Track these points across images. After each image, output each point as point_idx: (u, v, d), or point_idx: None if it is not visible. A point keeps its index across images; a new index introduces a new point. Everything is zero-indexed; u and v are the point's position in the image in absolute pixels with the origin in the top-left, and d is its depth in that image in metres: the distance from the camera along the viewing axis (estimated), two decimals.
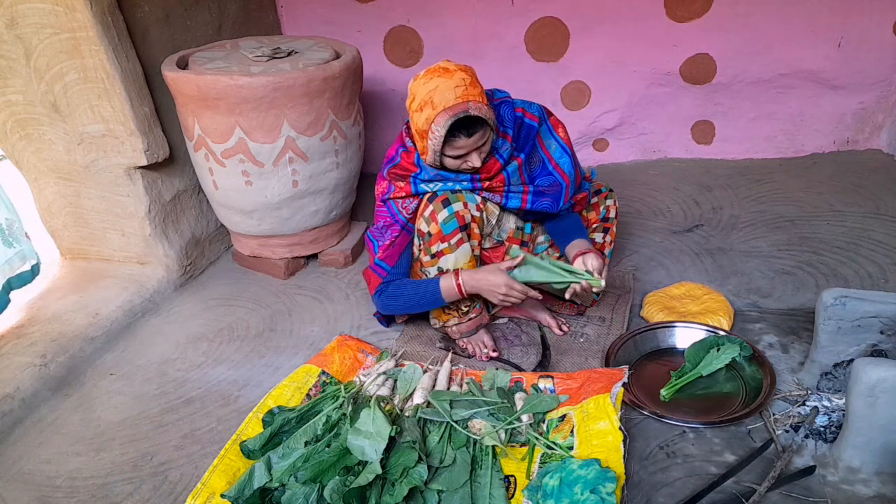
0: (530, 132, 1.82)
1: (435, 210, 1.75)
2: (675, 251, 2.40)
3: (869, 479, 1.39)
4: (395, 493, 1.37)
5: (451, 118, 1.56)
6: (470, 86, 1.58)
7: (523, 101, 1.85)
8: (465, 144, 1.63)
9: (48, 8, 1.94)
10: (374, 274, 1.90)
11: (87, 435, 1.77)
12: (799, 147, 3.06)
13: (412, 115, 1.64)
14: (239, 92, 2.01)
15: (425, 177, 1.78)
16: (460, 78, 1.58)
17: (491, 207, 1.87)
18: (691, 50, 2.87)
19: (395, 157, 1.82)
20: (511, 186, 1.82)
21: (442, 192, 1.77)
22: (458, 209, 1.75)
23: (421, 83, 1.62)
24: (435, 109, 1.57)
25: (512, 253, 1.92)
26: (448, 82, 1.57)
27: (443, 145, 1.63)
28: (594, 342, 1.94)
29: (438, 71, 1.61)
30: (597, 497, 1.28)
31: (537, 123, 1.84)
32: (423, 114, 1.60)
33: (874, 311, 1.50)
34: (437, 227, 1.75)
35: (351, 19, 2.96)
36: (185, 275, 2.48)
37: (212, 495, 1.44)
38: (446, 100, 1.56)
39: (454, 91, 1.56)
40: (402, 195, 1.81)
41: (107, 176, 2.25)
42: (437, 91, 1.57)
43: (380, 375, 1.77)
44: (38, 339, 2.04)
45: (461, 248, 1.77)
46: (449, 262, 1.78)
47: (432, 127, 1.58)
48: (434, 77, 1.60)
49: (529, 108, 1.84)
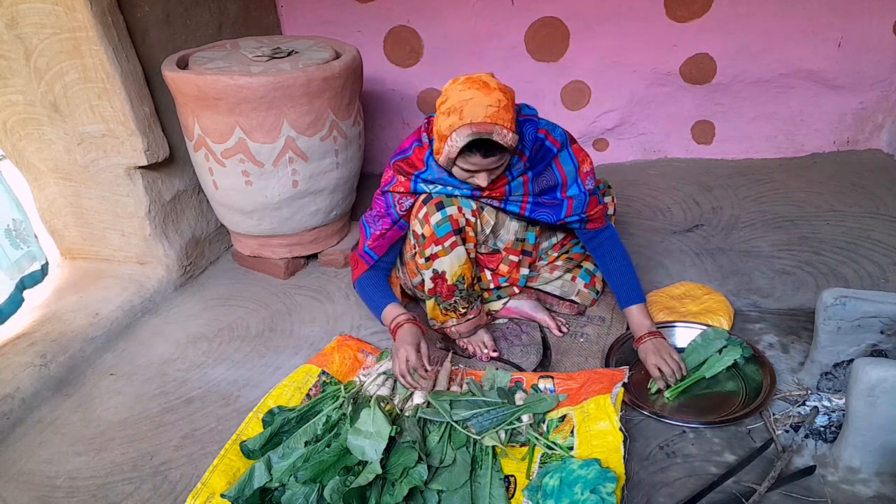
0: (547, 155, 1.78)
1: (428, 212, 1.74)
2: (675, 251, 2.40)
3: (869, 479, 1.39)
4: (395, 493, 1.37)
5: (473, 136, 1.51)
6: (503, 109, 1.52)
7: (548, 123, 1.80)
8: (478, 163, 1.60)
9: (48, 8, 1.94)
10: (361, 260, 1.91)
11: (88, 435, 1.77)
12: (799, 147, 3.06)
13: (439, 115, 1.60)
14: (239, 92, 2.01)
15: (428, 176, 1.77)
16: (496, 98, 1.52)
17: (486, 217, 1.86)
18: (691, 50, 2.87)
19: (408, 150, 1.80)
20: (511, 196, 1.80)
21: (437, 194, 1.76)
22: (452, 213, 1.74)
23: (458, 89, 1.56)
24: (462, 120, 1.52)
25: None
26: (484, 98, 1.51)
27: (457, 157, 1.60)
28: (594, 342, 1.94)
29: (478, 83, 1.54)
30: (597, 497, 1.28)
31: (557, 148, 1.79)
32: (448, 119, 1.55)
33: (874, 311, 1.50)
34: (430, 230, 1.74)
35: (351, 19, 2.96)
36: (185, 275, 2.48)
37: (212, 495, 1.44)
38: (475, 115, 1.50)
39: (486, 109, 1.50)
40: (400, 190, 1.81)
41: (107, 176, 2.25)
42: (470, 103, 1.51)
43: (380, 375, 1.77)
44: (39, 339, 2.04)
45: (455, 251, 1.77)
46: (444, 264, 1.77)
47: (452, 135, 1.54)
48: (472, 88, 1.53)
49: (553, 132, 1.79)
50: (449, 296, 1.83)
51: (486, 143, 1.55)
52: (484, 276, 2.00)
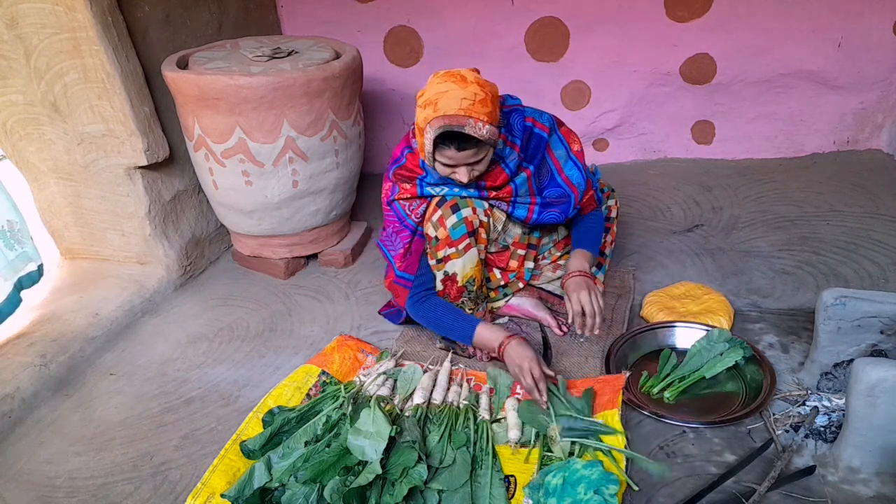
0: (540, 143, 1.79)
1: (444, 215, 1.73)
2: (675, 251, 2.40)
3: (869, 479, 1.39)
4: (395, 493, 1.38)
5: (444, 128, 1.51)
6: (479, 103, 1.51)
7: (534, 111, 1.81)
8: (453, 156, 1.59)
9: (48, 8, 1.94)
10: (399, 287, 1.87)
11: (88, 435, 1.77)
12: (799, 147, 3.06)
13: (417, 108, 1.60)
14: (239, 92, 2.01)
15: (431, 180, 1.76)
16: (472, 92, 1.51)
17: (498, 214, 1.86)
18: (691, 50, 2.87)
19: (401, 159, 1.80)
20: (518, 197, 1.80)
21: (450, 196, 1.75)
22: (468, 215, 1.73)
23: (435, 82, 1.57)
24: (436, 112, 1.52)
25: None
26: (459, 92, 1.51)
27: (434, 151, 1.60)
28: (594, 342, 1.94)
29: (456, 77, 1.55)
30: (600, 498, 1.29)
31: (547, 134, 1.80)
32: (424, 112, 1.56)
33: (874, 311, 1.50)
34: (445, 233, 1.73)
35: (351, 19, 2.96)
36: (185, 275, 2.48)
37: (212, 495, 1.44)
38: (449, 107, 1.50)
39: (460, 102, 1.50)
40: (406, 196, 1.80)
41: (107, 176, 2.25)
42: (445, 96, 1.51)
43: (380, 375, 1.77)
44: (38, 339, 2.04)
45: (469, 253, 1.76)
46: (456, 266, 1.77)
47: (427, 127, 1.54)
48: (449, 81, 1.54)
49: (540, 118, 1.80)
50: (457, 297, 1.82)
51: (459, 137, 1.54)
52: (493, 275, 2.00)
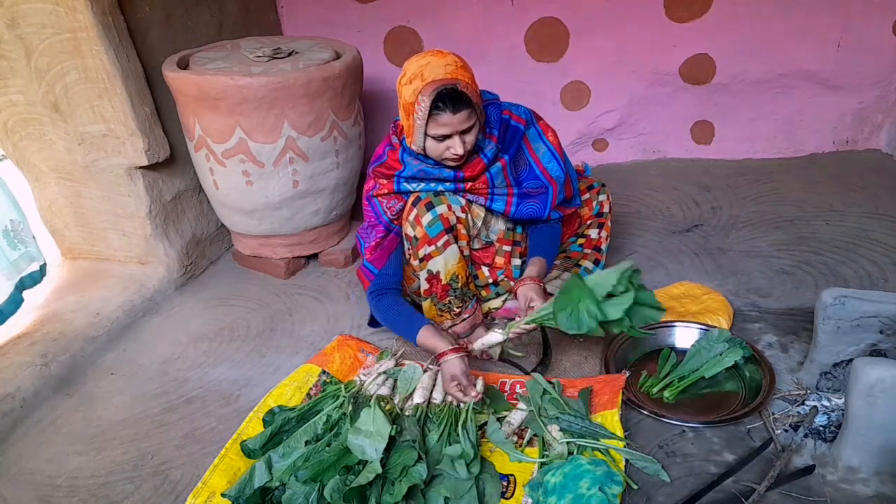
0: (516, 134, 1.83)
1: (419, 214, 1.74)
2: (675, 251, 2.40)
3: (868, 479, 1.40)
4: (394, 492, 1.38)
5: (439, 87, 1.58)
6: (461, 68, 1.62)
7: (510, 104, 1.86)
8: (449, 121, 1.62)
9: (49, 8, 1.94)
10: (363, 275, 1.94)
11: (88, 434, 1.77)
12: (798, 147, 3.06)
13: (401, 89, 1.66)
14: (239, 92, 2.01)
15: (408, 174, 1.78)
16: (452, 59, 1.64)
17: (476, 210, 1.87)
18: (691, 50, 2.87)
19: (383, 156, 1.84)
20: (495, 189, 1.82)
21: (425, 194, 1.76)
22: (442, 211, 1.74)
23: (414, 60, 1.67)
24: (424, 80, 1.60)
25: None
26: (440, 60, 1.62)
27: (427, 122, 1.63)
28: (594, 342, 1.94)
29: (433, 52, 1.66)
30: (603, 496, 1.29)
31: (524, 126, 1.84)
32: (411, 86, 1.62)
33: (873, 311, 1.50)
34: (422, 231, 1.74)
35: (351, 19, 2.96)
36: (186, 274, 2.48)
37: (212, 494, 1.44)
38: (436, 73, 1.59)
39: (445, 68, 1.60)
40: (384, 192, 1.83)
41: (108, 176, 2.26)
42: (429, 66, 1.61)
43: (380, 375, 1.77)
44: (39, 339, 2.04)
45: (448, 249, 1.77)
46: (437, 264, 1.77)
47: (419, 97, 1.60)
48: (427, 55, 1.65)
49: (516, 111, 1.85)
50: (444, 296, 1.82)
51: (453, 100, 1.60)
52: (481, 273, 2.00)
